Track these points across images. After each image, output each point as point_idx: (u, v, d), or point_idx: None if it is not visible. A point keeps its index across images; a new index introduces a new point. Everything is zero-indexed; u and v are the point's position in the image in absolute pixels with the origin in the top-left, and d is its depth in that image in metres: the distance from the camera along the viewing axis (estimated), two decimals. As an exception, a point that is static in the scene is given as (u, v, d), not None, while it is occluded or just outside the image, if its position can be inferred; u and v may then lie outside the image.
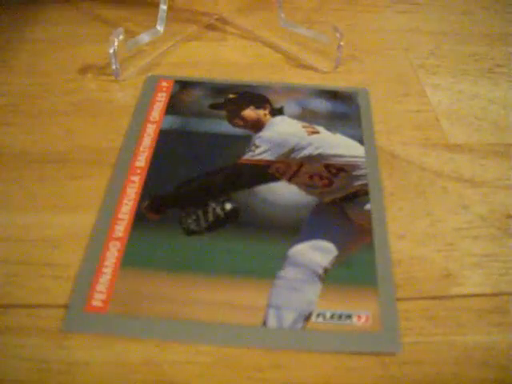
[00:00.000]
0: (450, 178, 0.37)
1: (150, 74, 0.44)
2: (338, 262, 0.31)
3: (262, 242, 0.32)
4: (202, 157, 0.37)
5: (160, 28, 0.46)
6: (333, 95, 0.42)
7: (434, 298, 0.30)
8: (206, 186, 0.35)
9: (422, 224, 0.34)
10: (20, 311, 0.29)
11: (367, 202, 0.34)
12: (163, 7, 0.45)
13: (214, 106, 0.41)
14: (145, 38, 0.45)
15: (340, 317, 0.29)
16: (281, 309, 0.29)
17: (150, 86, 0.43)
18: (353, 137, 0.39)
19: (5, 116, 0.40)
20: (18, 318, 0.28)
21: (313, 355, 0.27)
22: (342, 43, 0.43)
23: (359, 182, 0.36)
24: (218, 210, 0.33)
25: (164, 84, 0.43)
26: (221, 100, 0.41)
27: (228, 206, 0.34)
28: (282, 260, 0.31)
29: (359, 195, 0.35)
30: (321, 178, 0.36)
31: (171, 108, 0.41)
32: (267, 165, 0.36)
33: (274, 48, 0.48)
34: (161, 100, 0.41)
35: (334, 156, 0.37)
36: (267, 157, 0.37)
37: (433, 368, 0.27)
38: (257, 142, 0.38)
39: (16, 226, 0.33)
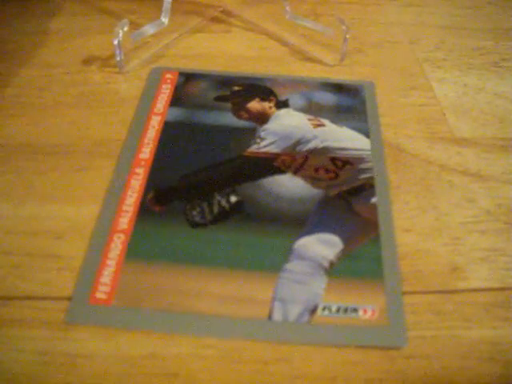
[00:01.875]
0: (455, 172, 0.37)
1: (154, 66, 0.44)
2: (344, 255, 0.31)
3: (268, 235, 0.32)
4: (206, 149, 0.37)
5: (165, 20, 0.45)
6: (338, 88, 0.42)
7: (440, 291, 0.30)
8: (210, 178, 0.35)
9: (428, 218, 0.34)
10: (23, 303, 0.29)
11: (373, 195, 0.34)
12: (168, -1, 0.45)
13: (219, 98, 0.41)
14: (149, 29, 0.44)
15: (346, 310, 0.28)
16: (286, 302, 0.29)
17: (155, 78, 0.42)
18: (359, 130, 0.38)
19: (9, 108, 0.40)
20: (22, 310, 0.28)
21: (318, 349, 0.27)
22: (347, 36, 0.43)
23: (365, 176, 0.35)
24: (223, 203, 0.33)
25: (169, 76, 0.43)
26: (226, 92, 0.41)
27: (233, 199, 0.33)
28: (287, 253, 0.31)
29: (365, 188, 0.35)
30: (326, 171, 0.35)
31: (176, 100, 0.40)
32: (272, 157, 0.36)
33: (279, 41, 0.48)
34: (165, 92, 0.41)
35: (340, 149, 0.37)
36: (272, 149, 0.36)
37: (439, 362, 0.27)
38: (262, 134, 0.37)
39: (20, 218, 0.33)
